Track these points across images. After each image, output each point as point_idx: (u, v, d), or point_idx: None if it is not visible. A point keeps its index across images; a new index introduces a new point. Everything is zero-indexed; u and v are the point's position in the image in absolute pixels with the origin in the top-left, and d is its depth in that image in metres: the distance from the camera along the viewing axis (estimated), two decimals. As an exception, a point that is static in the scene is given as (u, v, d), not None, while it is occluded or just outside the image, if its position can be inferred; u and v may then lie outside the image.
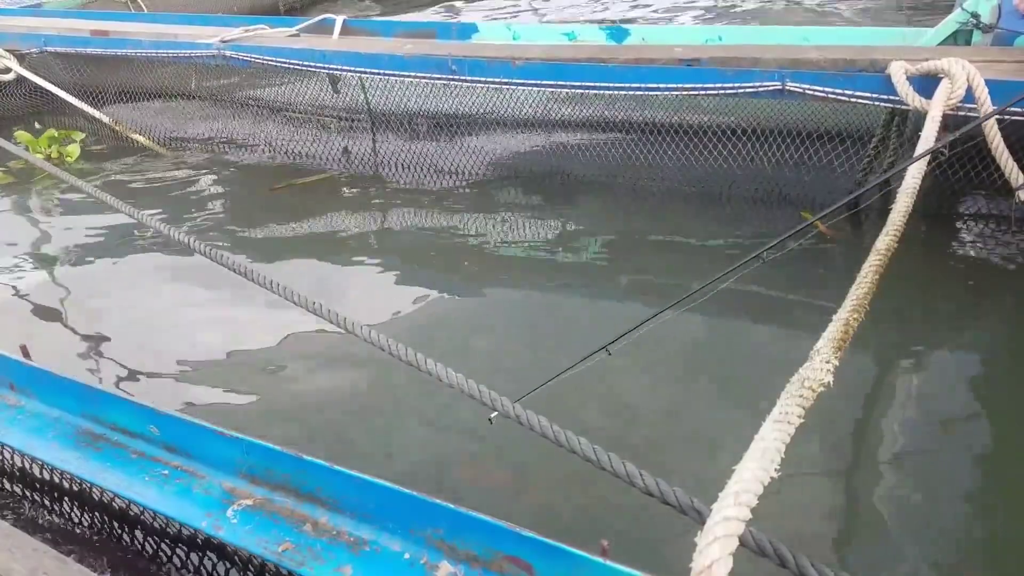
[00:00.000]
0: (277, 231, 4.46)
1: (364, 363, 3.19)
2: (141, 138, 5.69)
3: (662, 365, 3.04)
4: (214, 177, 5.23)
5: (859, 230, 3.89)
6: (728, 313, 3.29)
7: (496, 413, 1.79)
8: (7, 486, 2.39)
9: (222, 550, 1.90)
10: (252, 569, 1.86)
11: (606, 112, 4.73)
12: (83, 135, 5.71)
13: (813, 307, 3.42)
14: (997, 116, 3.29)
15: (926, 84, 3.59)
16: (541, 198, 4.64)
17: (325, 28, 5.80)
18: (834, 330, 1.94)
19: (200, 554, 1.96)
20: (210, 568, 1.95)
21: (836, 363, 1.80)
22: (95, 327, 3.60)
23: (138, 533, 2.10)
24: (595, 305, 3.59)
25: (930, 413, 2.79)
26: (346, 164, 5.27)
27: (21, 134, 5.48)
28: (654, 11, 8.71)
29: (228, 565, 1.91)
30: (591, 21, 7.76)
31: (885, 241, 2.41)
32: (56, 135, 5.60)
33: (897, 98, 3.65)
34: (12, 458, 2.30)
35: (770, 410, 1.62)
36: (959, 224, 3.94)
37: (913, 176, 2.83)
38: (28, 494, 2.35)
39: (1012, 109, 3.20)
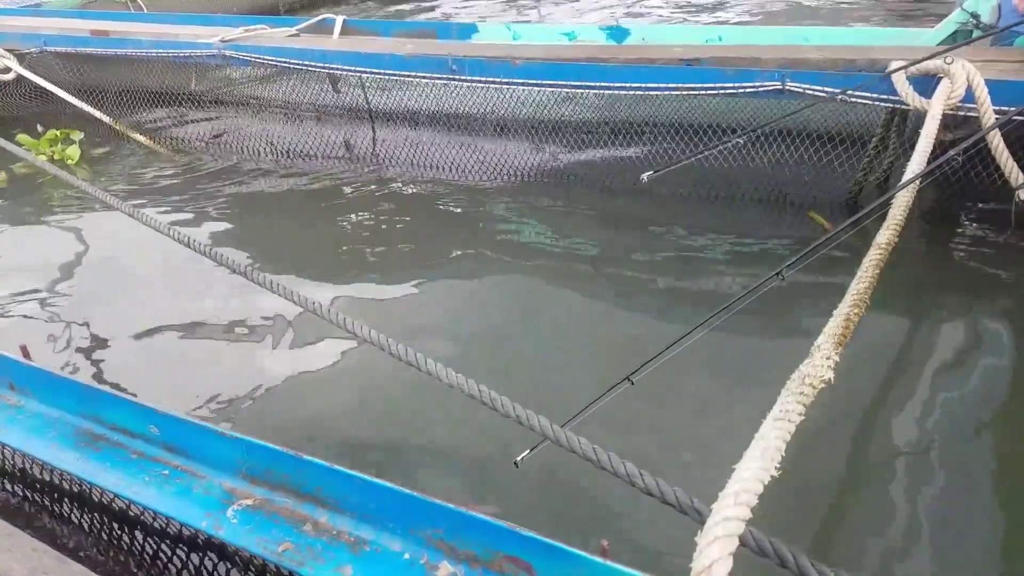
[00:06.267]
0: (279, 231, 4.46)
1: (365, 364, 3.19)
2: (141, 137, 5.69)
3: (679, 382, 2.98)
4: (214, 176, 5.23)
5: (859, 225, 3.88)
6: (740, 323, 3.23)
7: (523, 456, 1.77)
8: (7, 486, 2.39)
9: (222, 550, 1.89)
10: (252, 569, 1.85)
11: (610, 113, 4.72)
12: (82, 134, 5.72)
13: (819, 307, 3.41)
14: (997, 116, 3.30)
15: (926, 84, 3.59)
16: (542, 204, 4.63)
17: (325, 28, 5.81)
18: (835, 325, 1.94)
19: (200, 554, 1.95)
20: (210, 568, 1.95)
21: (837, 359, 1.80)
22: (95, 327, 3.60)
23: (138, 533, 2.10)
24: (612, 321, 3.52)
25: (932, 410, 2.78)
26: (347, 164, 5.27)
27: (23, 137, 5.48)
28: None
29: (228, 565, 1.91)
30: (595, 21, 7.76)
31: (885, 235, 2.42)
32: (57, 135, 5.61)
33: (897, 98, 3.65)
34: (12, 458, 2.29)
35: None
36: (959, 221, 3.93)
37: (913, 172, 2.84)
38: (28, 494, 2.35)
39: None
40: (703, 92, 4.09)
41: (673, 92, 4.16)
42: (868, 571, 2.22)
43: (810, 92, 3.83)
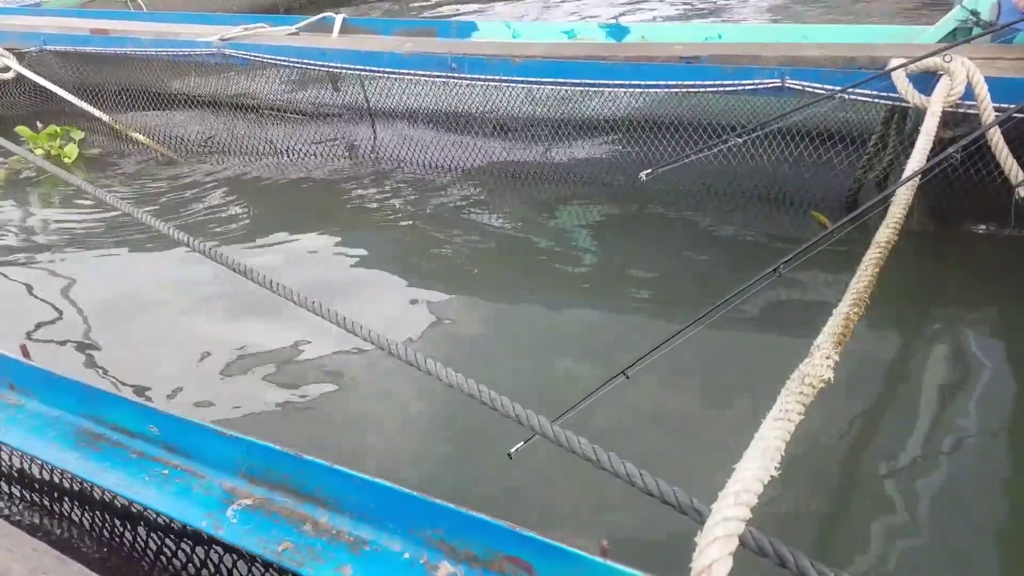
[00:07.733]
0: (278, 229, 4.46)
1: (366, 365, 3.19)
2: (140, 136, 5.69)
3: (676, 379, 2.99)
4: (213, 175, 5.23)
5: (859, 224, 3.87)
6: (737, 322, 3.24)
7: (517, 447, 1.77)
8: (6, 486, 2.39)
9: (222, 550, 1.89)
10: (252, 569, 1.85)
11: (610, 111, 4.72)
12: (82, 134, 5.72)
13: (819, 305, 3.41)
14: (997, 113, 3.30)
15: (926, 81, 3.59)
16: (540, 200, 4.63)
17: (325, 26, 5.80)
18: (834, 324, 1.94)
19: (200, 554, 1.95)
20: (210, 568, 1.95)
21: (837, 358, 1.80)
22: (95, 327, 3.60)
23: (138, 533, 2.10)
24: (609, 316, 3.52)
25: (932, 409, 2.79)
26: (345, 161, 5.27)
27: (22, 129, 5.49)
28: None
29: (228, 565, 1.91)
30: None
31: (885, 233, 2.42)
32: (57, 131, 5.61)
33: (897, 95, 3.64)
34: (12, 458, 2.29)
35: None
36: (958, 219, 3.93)
37: (913, 169, 2.84)
38: (28, 494, 2.35)
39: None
40: (702, 90, 4.08)
41: (673, 90, 4.16)
42: (868, 571, 2.22)
43: (810, 90, 3.83)
